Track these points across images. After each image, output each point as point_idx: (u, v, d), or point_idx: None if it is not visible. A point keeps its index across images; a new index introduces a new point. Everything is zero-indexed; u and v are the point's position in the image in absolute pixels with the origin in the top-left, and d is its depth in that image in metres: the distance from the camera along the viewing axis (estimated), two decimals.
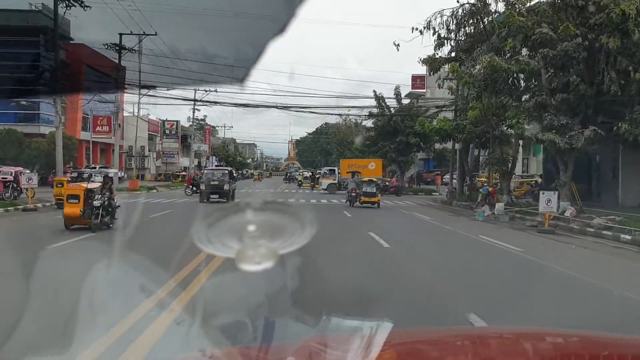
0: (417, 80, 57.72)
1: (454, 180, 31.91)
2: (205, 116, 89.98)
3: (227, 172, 26.87)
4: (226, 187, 24.81)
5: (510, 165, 23.24)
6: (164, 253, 7.66)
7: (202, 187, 25.19)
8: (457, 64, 27.42)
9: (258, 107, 28.84)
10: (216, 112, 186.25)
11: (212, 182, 25.29)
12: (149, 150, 61.32)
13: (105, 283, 2.23)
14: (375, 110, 41.96)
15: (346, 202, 26.06)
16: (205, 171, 28.52)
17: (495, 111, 23.42)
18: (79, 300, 2.06)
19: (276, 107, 30.13)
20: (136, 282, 2.35)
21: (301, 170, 77.58)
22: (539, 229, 15.62)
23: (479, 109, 23.73)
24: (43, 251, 8.85)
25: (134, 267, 2.46)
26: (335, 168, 42.32)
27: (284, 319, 1.82)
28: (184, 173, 56.36)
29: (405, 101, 43.83)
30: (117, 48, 39.42)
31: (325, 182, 39.70)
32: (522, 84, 21.13)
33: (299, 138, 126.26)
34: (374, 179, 28.63)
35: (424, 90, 54.05)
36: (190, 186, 32.80)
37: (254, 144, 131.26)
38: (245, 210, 1.44)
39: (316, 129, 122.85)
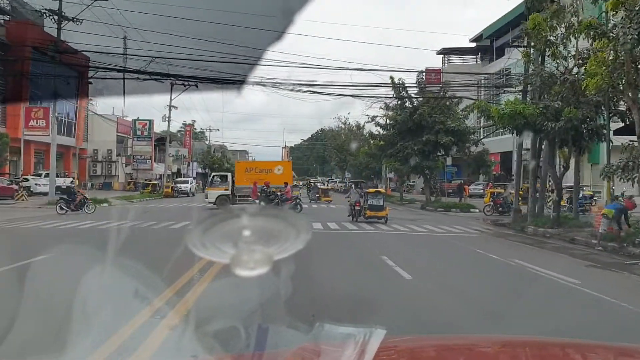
0: (431, 74, 47.48)
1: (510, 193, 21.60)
2: (194, 121, 79.32)
3: None
4: None
5: None
6: None
7: None
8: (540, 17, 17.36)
9: (235, 82, 18.47)
10: (203, 119, 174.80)
11: None
12: (118, 155, 50.62)
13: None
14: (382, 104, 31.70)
15: (348, 215, 21.04)
16: None
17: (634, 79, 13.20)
18: None
19: (263, 84, 19.64)
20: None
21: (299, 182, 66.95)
22: None
23: (602, 76, 13.46)
24: None
25: None
26: (229, 174, 29.29)
27: (278, 326, 1.66)
28: (155, 181, 45.64)
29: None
30: (57, 18, 29.01)
31: (212, 194, 27.11)
32: None
33: (293, 145, 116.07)
34: (381, 190, 24.02)
35: (439, 86, 43.93)
36: (257, 200, 23.90)
37: (245, 151, 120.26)
38: None
39: (311, 135, 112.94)
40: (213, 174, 30.77)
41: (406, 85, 29.05)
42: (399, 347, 1.85)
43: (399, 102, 30.61)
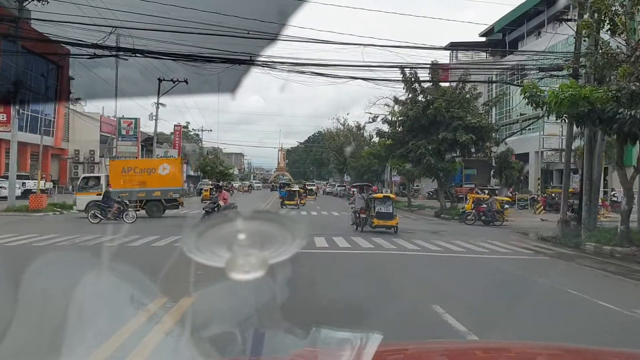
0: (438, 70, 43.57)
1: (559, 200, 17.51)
2: (188, 122, 74.90)
3: None
4: None
5: None
6: None
7: None
8: None
9: (221, 60, 14.28)
10: (197, 121, 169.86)
11: None
12: (101, 156, 46.27)
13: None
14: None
15: (352, 224, 18.19)
16: None
17: None
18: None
19: (250, 61, 15.34)
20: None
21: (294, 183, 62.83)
22: None
23: None
24: None
25: None
26: (102, 175, 23.64)
27: (274, 331, 1.66)
28: None
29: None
30: None
31: (82, 200, 21.52)
32: None
33: (289, 148, 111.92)
34: (391, 195, 20.01)
35: (447, 84, 39.87)
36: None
37: (241, 153, 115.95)
38: None
39: (308, 138, 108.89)
40: (83, 175, 25.15)
41: (420, 64, 24.92)
42: (396, 352, 1.81)
43: (410, 95, 26.57)
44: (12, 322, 2.87)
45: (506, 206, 22.80)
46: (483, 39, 45.06)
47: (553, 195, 27.67)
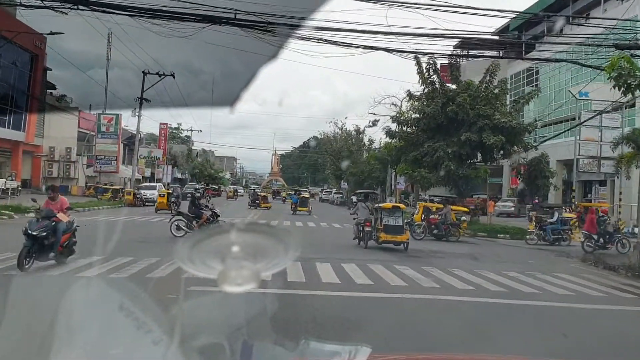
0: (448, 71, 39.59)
1: None
2: (180, 124, 70.54)
3: None
4: None
5: None
6: None
7: None
8: None
9: (192, 18, 10.40)
10: (187, 122, 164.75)
11: None
12: (79, 155, 41.81)
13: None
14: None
15: (354, 238, 15.26)
16: None
17: None
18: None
19: (234, 20, 11.17)
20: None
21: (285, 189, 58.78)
22: None
23: None
24: None
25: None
26: None
27: (263, 343, 1.62)
28: (116, 186, 36.91)
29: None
30: None
31: None
32: None
33: (283, 153, 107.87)
34: (401, 206, 16.55)
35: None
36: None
37: (233, 157, 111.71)
38: None
39: (303, 143, 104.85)
40: None
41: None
42: None
43: (426, 90, 22.58)
44: None
45: (463, 218, 19.04)
46: (496, 37, 41.25)
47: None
